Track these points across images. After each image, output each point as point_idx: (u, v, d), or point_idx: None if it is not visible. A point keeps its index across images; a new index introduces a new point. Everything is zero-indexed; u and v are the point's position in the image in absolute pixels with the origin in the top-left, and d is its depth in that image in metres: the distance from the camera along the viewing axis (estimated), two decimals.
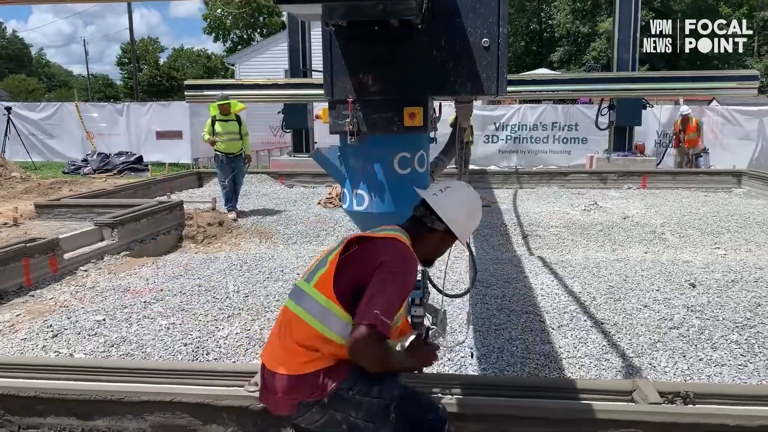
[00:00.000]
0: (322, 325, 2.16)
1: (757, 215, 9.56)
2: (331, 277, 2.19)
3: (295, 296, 2.29)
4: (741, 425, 2.70)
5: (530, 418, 2.79)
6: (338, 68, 2.52)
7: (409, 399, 2.26)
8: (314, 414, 2.19)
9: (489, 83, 2.46)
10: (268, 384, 2.26)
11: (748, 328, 4.58)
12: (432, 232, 2.38)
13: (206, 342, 4.47)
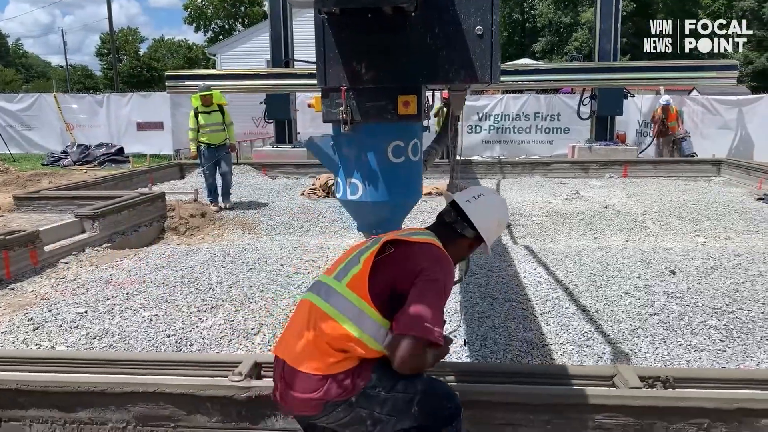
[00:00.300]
0: (355, 326, 2.11)
1: (736, 203, 9.69)
2: (366, 277, 2.14)
3: (323, 293, 2.21)
4: (719, 408, 2.75)
5: (513, 404, 2.81)
6: (331, 56, 2.49)
7: (430, 391, 2.27)
8: (340, 413, 2.15)
9: (483, 71, 2.45)
10: (288, 382, 2.17)
11: (726, 314, 4.65)
12: (462, 238, 2.38)
13: (189, 333, 4.45)
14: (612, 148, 14.64)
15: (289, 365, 2.18)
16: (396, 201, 2.68)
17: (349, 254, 2.33)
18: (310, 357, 2.14)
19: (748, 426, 2.73)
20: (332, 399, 2.12)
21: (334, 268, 2.31)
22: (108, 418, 3.02)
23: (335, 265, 2.34)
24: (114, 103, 19.87)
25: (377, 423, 2.18)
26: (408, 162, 2.66)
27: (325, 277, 2.29)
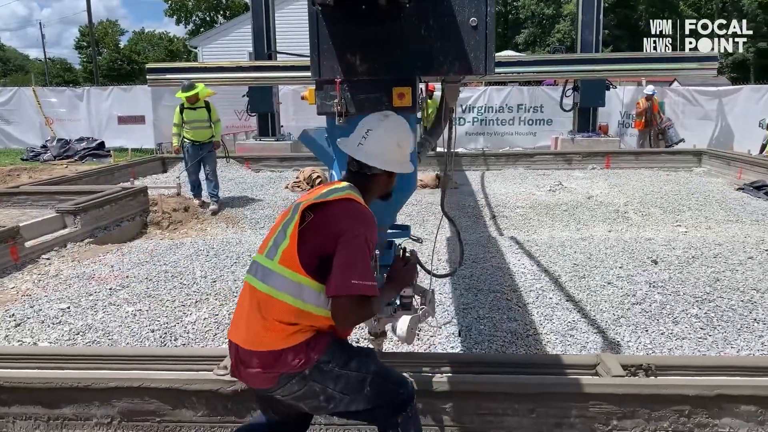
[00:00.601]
0: (296, 300, 2.15)
1: (717, 193, 9.81)
2: (295, 251, 2.17)
3: (260, 274, 2.24)
4: (700, 395, 2.79)
5: (498, 394, 2.84)
6: (325, 48, 2.47)
7: (383, 374, 2.34)
8: (294, 385, 2.19)
9: (477, 62, 2.44)
10: (245, 362, 2.21)
11: (707, 302, 4.72)
12: (374, 176, 2.37)
13: (174, 328, 4.43)
14: (594, 140, 14.73)
15: (242, 348, 2.22)
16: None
17: (277, 227, 2.33)
18: (263, 336, 2.17)
19: (728, 412, 2.78)
20: (286, 371, 2.16)
21: (265, 245, 2.32)
22: (92, 414, 3.01)
23: (266, 240, 2.35)
24: (94, 97, 19.61)
25: (330, 399, 2.23)
26: None
27: (259, 257, 2.30)
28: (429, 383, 2.88)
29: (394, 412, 2.33)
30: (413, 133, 2.72)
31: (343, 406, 2.27)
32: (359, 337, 4.02)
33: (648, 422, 2.80)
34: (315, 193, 2.32)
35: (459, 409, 2.85)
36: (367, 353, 2.36)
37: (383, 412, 2.33)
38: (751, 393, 2.78)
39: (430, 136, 3.02)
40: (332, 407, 2.26)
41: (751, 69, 34.30)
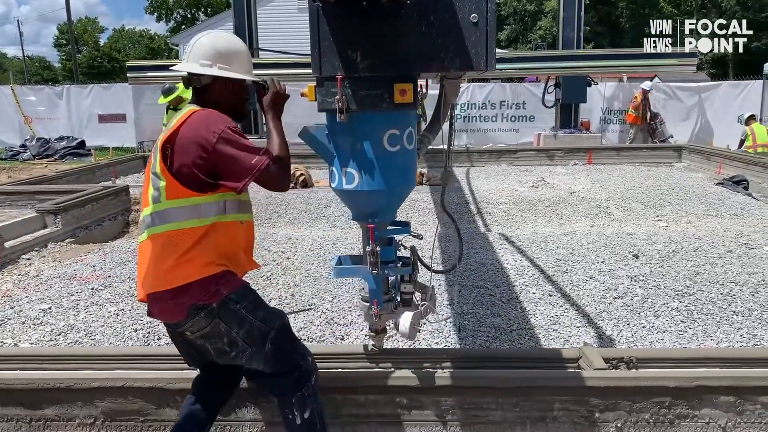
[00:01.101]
0: (202, 219, 2.28)
1: (697, 188, 9.93)
2: (174, 181, 2.26)
3: (156, 221, 2.31)
4: (680, 386, 2.83)
5: (482, 388, 2.85)
6: (326, 45, 2.46)
7: (288, 336, 2.47)
8: (202, 320, 2.29)
9: (478, 58, 2.45)
10: (159, 302, 2.32)
11: (687, 296, 4.78)
12: (212, 85, 2.45)
13: (157, 327, 4.40)
14: (576, 136, 14.85)
15: (155, 293, 2.31)
16: (392, 190, 2.68)
17: (147, 183, 2.39)
18: (175, 274, 2.26)
19: (708, 403, 2.82)
20: (195, 302, 2.26)
21: (146, 200, 2.38)
22: (75, 415, 2.98)
23: (144, 197, 2.41)
24: (74, 95, 19.40)
25: (233, 344, 2.33)
26: (403, 150, 2.65)
27: (145, 211, 2.37)
28: (412, 378, 2.89)
29: (294, 386, 2.42)
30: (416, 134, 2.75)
31: (245, 359, 2.35)
32: (361, 334, 4.02)
33: (630, 414, 2.83)
34: (166, 132, 2.37)
35: (443, 403, 2.87)
36: (278, 313, 2.48)
37: (283, 383, 2.43)
38: (730, 384, 2.82)
39: (429, 133, 3.03)
40: (234, 355, 2.34)
41: (729, 65, 34.68)
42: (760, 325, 4.25)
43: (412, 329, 2.71)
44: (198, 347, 2.42)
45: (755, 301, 4.66)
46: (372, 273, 2.70)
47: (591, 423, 2.84)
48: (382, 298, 2.83)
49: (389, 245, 2.85)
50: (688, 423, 2.84)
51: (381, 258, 2.68)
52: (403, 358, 3.19)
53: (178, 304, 2.28)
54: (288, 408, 2.44)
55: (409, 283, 2.88)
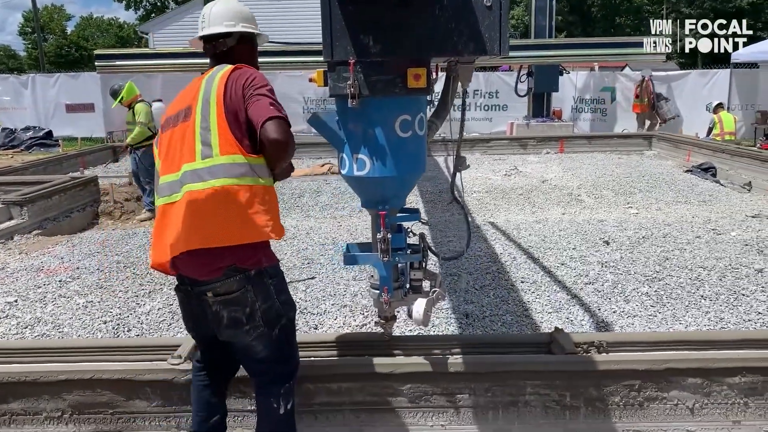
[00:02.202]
0: (250, 178, 2.24)
1: (666, 175, 10.08)
2: (230, 137, 2.23)
3: (209, 175, 2.22)
4: (649, 369, 2.86)
5: (454, 374, 2.86)
6: (338, 29, 2.40)
7: (293, 330, 2.52)
8: (234, 282, 2.27)
9: (492, 43, 2.40)
10: (200, 255, 2.23)
11: (657, 281, 4.85)
12: (235, 50, 2.49)
13: (127, 318, 4.34)
14: (549, 125, 14.95)
15: (202, 249, 2.22)
16: (404, 176, 2.65)
17: (176, 142, 2.33)
18: (234, 230, 2.23)
19: (676, 385, 2.87)
20: (236, 264, 2.25)
21: (176, 162, 2.31)
22: (42, 408, 2.92)
23: (172, 161, 2.33)
24: (40, 85, 18.96)
25: (251, 317, 2.31)
26: (415, 136, 2.62)
27: (190, 166, 2.26)
28: (384, 365, 2.89)
29: (284, 377, 2.45)
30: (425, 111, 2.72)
31: (253, 336, 2.34)
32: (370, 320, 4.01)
33: (600, 397, 2.86)
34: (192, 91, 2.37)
35: (417, 390, 2.87)
36: (293, 303, 2.50)
37: (275, 371, 2.44)
38: (698, 366, 2.87)
39: (436, 118, 3.01)
40: (247, 329, 2.32)
41: (698, 55, 35.17)
42: (726, 308, 4.33)
43: (425, 315, 2.71)
44: (211, 313, 2.33)
45: (722, 285, 4.75)
46: (383, 260, 2.67)
47: (562, 407, 2.87)
48: (393, 285, 2.81)
49: (399, 232, 2.83)
50: (657, 405, 2.88)
51: (392, 245, 2.65)
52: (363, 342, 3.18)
53: (219, 261, 2.24)
54: (273, 397, 2.44)
55: (419, 270, 2.85)
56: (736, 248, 5.68)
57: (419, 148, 2.69)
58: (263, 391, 2.48)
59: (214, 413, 2.59)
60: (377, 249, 2.67)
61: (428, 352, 3.08)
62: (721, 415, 2.88)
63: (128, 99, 8.16)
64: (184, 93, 2.45)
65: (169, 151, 2.37)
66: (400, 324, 4.13)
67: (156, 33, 24.21)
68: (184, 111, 2.35)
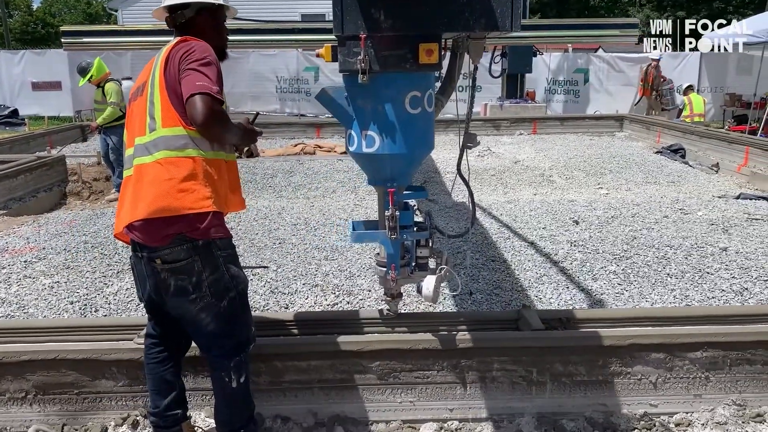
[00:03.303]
0: (198, 150, 2.28)
1: (636, 156, 10.20)
2: (171, 109, 2.27)
3: (153, 148, 2.28)
4: (614, 345, 2.91)
5: (423, 351, 2.87)
6: (349, 2, 2.36)
7: (243, 301, 2.49)
8: (182, 251, 2.29)
9: (503, 19, 2.37)
10: (149, 223, 2.26)
11: (624, 260, 4.92)
12: (194, 20, 2.49)
13: (95, 299, 4.29)
14: (522, 106, 14.99)
15: (149, 219, 2.25)
16: (413, 153, 2.64)
17: (137, 116, 2.37)
18: (172, 200, 2.24)
19: (640, 360, 2.92)
20: (184, 232, 2.26)
21: (135, 135, 2.36)
22: (5, 389, 2.88)
23: (132, 135, 2.39)
24: (5, 62, 18.44)
25: (197, 287, 2.33)
26: (424, 113, 2.61)
27: (138, 141, 2.34)
28: (353, 343, 2.90)
29: (234, 351, 2.46)
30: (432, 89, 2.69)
31: (199, 306, 2.34)
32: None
33: (566, 372, 2.90)
34: (148, 69, 2.39)
35: (384, 366, 2.88)
36: (244, 277, 2.50)
37: (224, 345, 2.45)
38: (660, 341, 2.92)
39: (442, 95, 2.98)
40: (193, 298, 2.33)
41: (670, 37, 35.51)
42: (692, 286, 4.41)
43: (435, 292, 2.73)
44: (159, 281, 2.36)
45: (688, 263, 4.83)
46: (390, 238, 2.67)
47: (529, 382, 2.91)
48: (399, 262, 2.81)
49: (406, 209, 2.81)
50: (621, 380, 2.93)
51: (399, 222, 2.65)
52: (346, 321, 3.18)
53: (168, 228, 2.26)
54: (225, 371, 2.45)
55: (425, 247, 2.86)
56: (702, 227, 5.78)
57: (428, 125, 2.69)
58: (215, 365, 2.50)
59: (170, 390, 2.59)
60: (385, 226, 2.67)
61: (395, 330, 3.09)
62: (683, 389, 2.95)
63: (98, 77, 7.92)
64: (145, 67, 2.48)
65: (129, 125, 2.44)
66: (371, 303, 4.14)
67: (125, 10, 23.67)
68: (141, 86, 2.40)
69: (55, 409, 2.90)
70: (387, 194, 2.64)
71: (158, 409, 2.57)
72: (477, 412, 2.91)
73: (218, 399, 2.54)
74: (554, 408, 2.91)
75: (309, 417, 2.88)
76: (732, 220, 6.02)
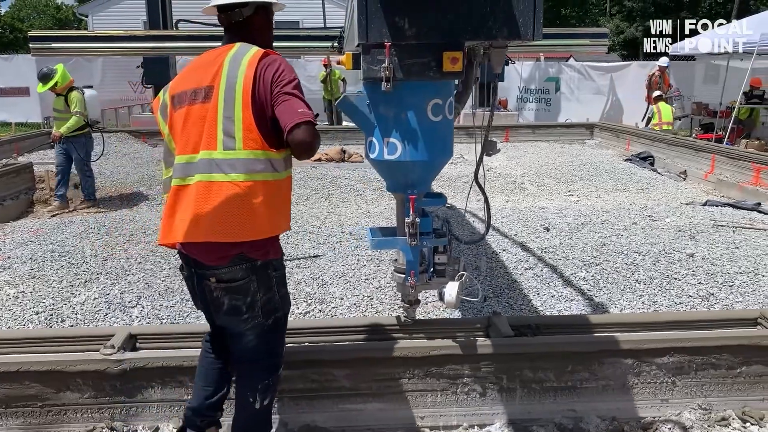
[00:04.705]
0: (274, 173, 2.24)
1: (607, 164, 10.35)
2: (255, 132, 2.19)
3: (229, 168, 2.19)
4: (583, 351, 2.94)
5: (394, 359, 2.87)
6: (373, 11, 2.36)
7: (286, 323, 2.52)
8: (240, 271, 2.26)
9: (525, 28, 2.40)
10: (214, 245, 2.22)
11: (594, 266, 4.98)
12: (252, 19, 2.40)
13: (61, 309, 4.21)
14: (495, 114, 15.08)
15: (207, 243, 2.22)
16: (434, 160, 2.67)
17: (199, 120, 2.25)
18: (246, 227, 2.20)
19: (608, 365, 2.95)
20: (245, 253, 2.24)
21: (193, 140, 2.26)
22: None
23: (187, 143, 2.28)
24: None
25: (251, 307, 2.32)
26: (445, 120, 2.64)
27: (209, 153, 2.22)
28: (324, 352, 2.89)
29: (266, 372, 2.44)
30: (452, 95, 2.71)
31: (250, 325, 2.34)
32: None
33: (535, 379, 2.92)
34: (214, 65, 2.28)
35: (358, 375, 2.87)
36: (290, 299, 2.54)
37: (258, 362, 2.43)
38: (629, 347, 2.96)
39: (458, 103, 3.00)
40: (245, 317, 2.32)
41: (640, 47, 36.18)
42: (660, 292, 4.48)
43: (458, 299, 2.75)
44: (212, 298, 2.33)
45: (656, 269, 4.90)
46: (410, 244, 2.69)
47: (499, 389, 2.92)
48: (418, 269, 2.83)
49: (425, 216, 2.83)
50: (590, 385, 2.96)
51: (419, 229, 2.67)
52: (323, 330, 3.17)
53: (230, 249, 2.23)
54: (251, 391, 2.42)
55: (443, 254, 2.87)
56: (670, 234, 5.87)
57: (448, 132, 2.73)
58: (243, 381, 2.47)
59: (219, 389, 2.56)
60: (404, 233, 2.69)
61: (366, 337, 3.09)
62: (650, 394, 2.98)
63: (63, 85, 7.58)
64: (201, 67, 2.33)
65: (185, 129, 2.30)
66: (344, 311, 4.13)
67: (95, 15, 23.37)
68: (204, 90, 2.26)
69: (17, 423, 2.84)
70: (407, 201, 2.68)
71: (201, 407, 2.53)
72: (447, 420, 2.91)
73: (238, 415, 2.50)
74: (524, 415, 2.92)
75: (280, 428, 2.86)
76: (699, 226, 6.13)
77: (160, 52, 12.71)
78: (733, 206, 7.17)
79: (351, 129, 14.27)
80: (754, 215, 6.71)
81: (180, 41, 12.24)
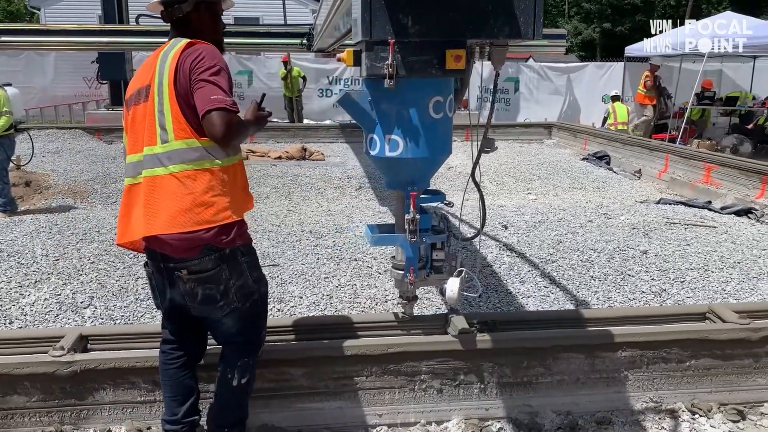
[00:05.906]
0: (206, 161, 2.25)
1: (564, 163, 10.52)
2: (183, 121, 2.22)
3: (168, 160, 2.24)
4: (538, 347, 2.99)
5: (352, 356, 2.87)
6: (377, 8, 2.37)
7: (264, 303, 2.58)
8: (210, 261, 2.30)
9: (526, 27, 2.44)
10: (173, 238, 2.25)
11: (551, 263, 5.06)
12: (192, 16, 2.41)
13: (9, 310, 4.08)
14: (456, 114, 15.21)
15: (173, 234, 2.24)
16: (435, 157, 2.71)
17: (139, 124, 2.32)
18: (196, 215, 2.23)
19: (563, 360, 3.00)
20: (214, 242, 2.27)
21: (139, 144, 2.31)
22: None
23: (136, 142, 2.34)
24: None
25: (225, 294, 2.36)
26: (445, 118, 2.67)
27: (150, 149, 2.27)
28: (279, 351, 2.87)
29: (244, 351, 2.49)
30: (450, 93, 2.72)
31: (227, 311, 2.38)
32: None
33: (492, 374, 2.96)
34: (149, 65, 2.33)
35: (313, 373, 2.86)
36: (265, 280, 2.57)
37: (238, 344, 2.48)
38: (583, 342, 3.02)
39: (455, 100, 2.99)
40: (221, 305, 2.36)
41: (597, 48, 36.91)
42: (614, 288, 4.57)
43: (459, 294, 2.80)
44: (186, 291, 2.35)
45: (611, 266, 5.00)
46: (410, 241, 2.71)
47: (456, 385, 2.94)
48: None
49: (424, 213, 2.85)
50: (545, 380, 3.01)
51: (419, 226, 2.70)
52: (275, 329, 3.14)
53: (193, 242, 2.25)
54: (230, 368, 2.47)
55: (441, 250, 2.91)
56: (625, 231, 6.00)
57: (448, 130, 2.77)
58: (224, 360, 2.51)
59: (189, 396, 2.56)
60: (403, 229, 2.71)
61: (324, 336, 3.08)
62: (603, 387, 3.05)
63: None
64: (144, 68, 2.39)
65: (133, 130, 2.36)
66: (310, 309, 4.11)
67: (48, 8, 22.70)
68: (145, 89, 2.31)
69: None
70: (407, 197, 2.71)
71: (176, 416, 2.54)
72: (405, 417, 2.92)
73: (217, 391, 2.54)
74: (481, 411, 2.96)
75: None
76: (652, 224, 6.27)
77: (115, 47, 12.49)
78: (685, 204, 7.37)
79: (311, 127, 14.23)
80: (705, 213, 6.90)
81: (136, 36, 12.07)
